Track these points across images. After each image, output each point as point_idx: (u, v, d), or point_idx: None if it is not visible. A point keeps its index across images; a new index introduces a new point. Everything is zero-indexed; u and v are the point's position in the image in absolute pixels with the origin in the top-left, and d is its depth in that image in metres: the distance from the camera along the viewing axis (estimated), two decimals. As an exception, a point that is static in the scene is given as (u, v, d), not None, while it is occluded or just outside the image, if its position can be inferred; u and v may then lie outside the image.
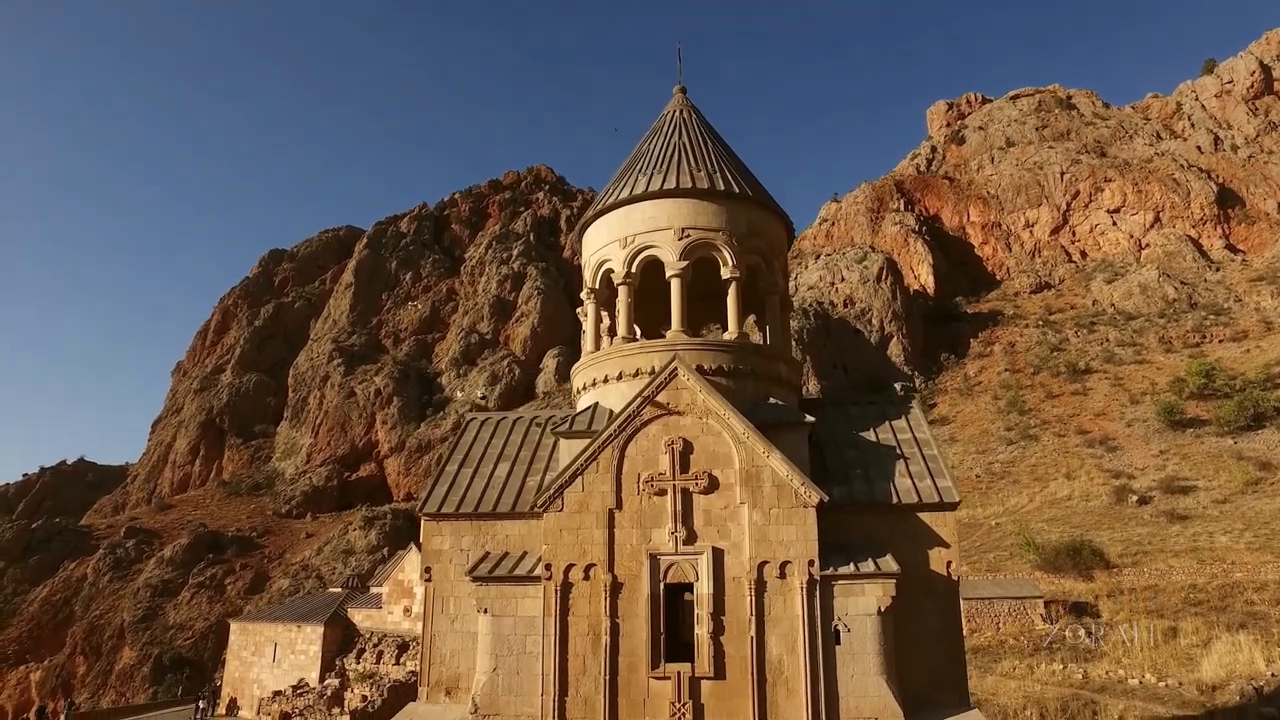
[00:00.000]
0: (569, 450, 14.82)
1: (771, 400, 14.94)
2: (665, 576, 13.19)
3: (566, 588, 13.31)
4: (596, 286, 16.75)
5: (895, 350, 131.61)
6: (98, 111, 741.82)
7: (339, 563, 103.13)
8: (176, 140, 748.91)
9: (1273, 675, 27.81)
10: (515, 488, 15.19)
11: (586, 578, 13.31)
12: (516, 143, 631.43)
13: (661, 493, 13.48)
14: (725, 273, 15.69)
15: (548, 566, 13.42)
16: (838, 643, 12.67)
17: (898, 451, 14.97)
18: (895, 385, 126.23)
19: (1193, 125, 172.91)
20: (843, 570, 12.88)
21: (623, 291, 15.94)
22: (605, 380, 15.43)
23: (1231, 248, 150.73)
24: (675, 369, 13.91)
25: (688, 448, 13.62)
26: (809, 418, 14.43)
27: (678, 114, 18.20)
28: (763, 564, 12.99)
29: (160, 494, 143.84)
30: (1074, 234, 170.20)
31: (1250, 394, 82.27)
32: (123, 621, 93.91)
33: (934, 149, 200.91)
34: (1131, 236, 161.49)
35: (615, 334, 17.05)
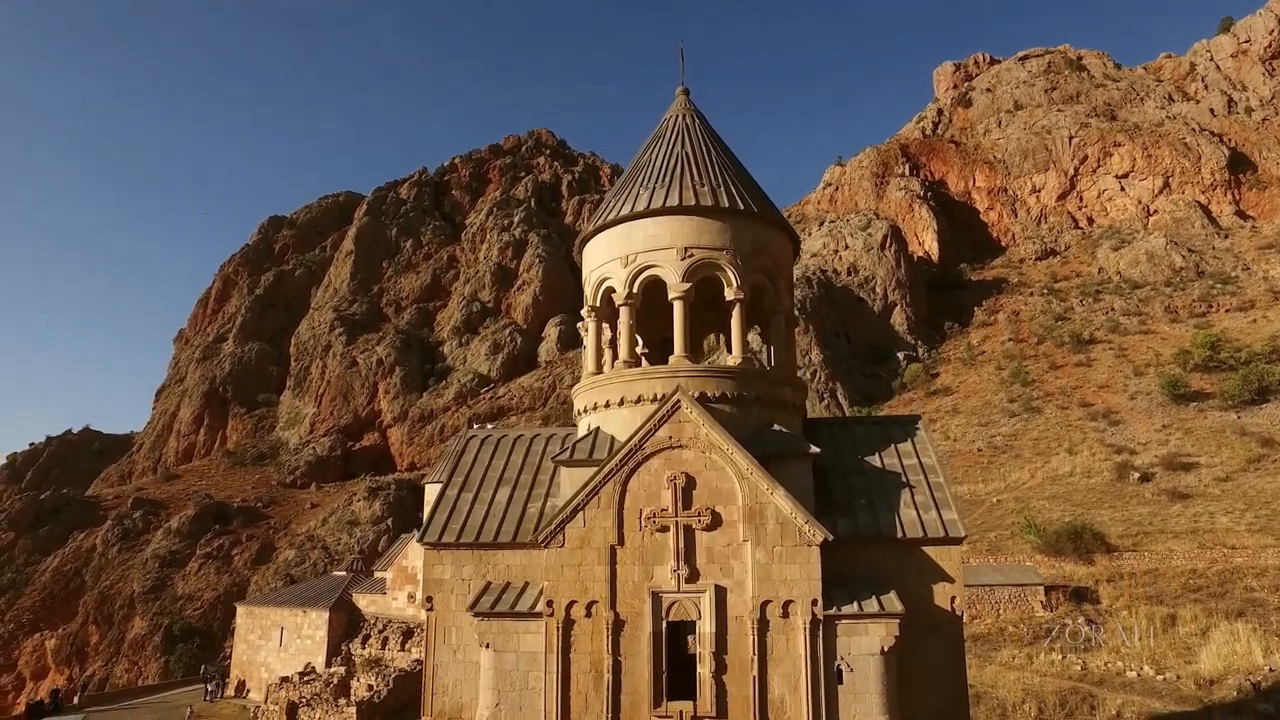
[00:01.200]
0: (570, 478, 14.63)
1: (776, 427, 14.69)
2: (668, 614, 13.08)
3: (568, 624, 13.22)
4: (598, 304, 16.40)
5: (899, 319, 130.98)
6: (97, 79, 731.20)
7: (344, 533, 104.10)
8: (177, 107, 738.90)
9: (1270, 670, 27.97)
10: (516, 516, 15.03)
11: (588, 615, 13.21)
12: (517, 107, 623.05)
13: (664, 529, 13.31)
14: (730, 294, 15.33)
15: (549, 603, 13.31)
16: (840, 682, 12.60)
17: (903, 479, 14.74)
18: (899, 354, 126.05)
19: (1206, 87, 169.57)
20: (846, 609, 12.75)
21: (624, 313, 15.61)
22: (607, 405, 15.17)
23: (1241, 214, 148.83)
24: (678, 401, 13.65)
25: (690, 483, 13.41)
26: (813, 448, 14.19)
27: (680, 119, 17.64)
28: (765, 603, 12.86)
29: (165, 463, 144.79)
30: (1081, 199, 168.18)
31: (1255, 367, 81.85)
32: (132, 592, 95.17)
33: (940, 112, 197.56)
34: (1140, 202, 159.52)
35: (617, 354, 16.73)
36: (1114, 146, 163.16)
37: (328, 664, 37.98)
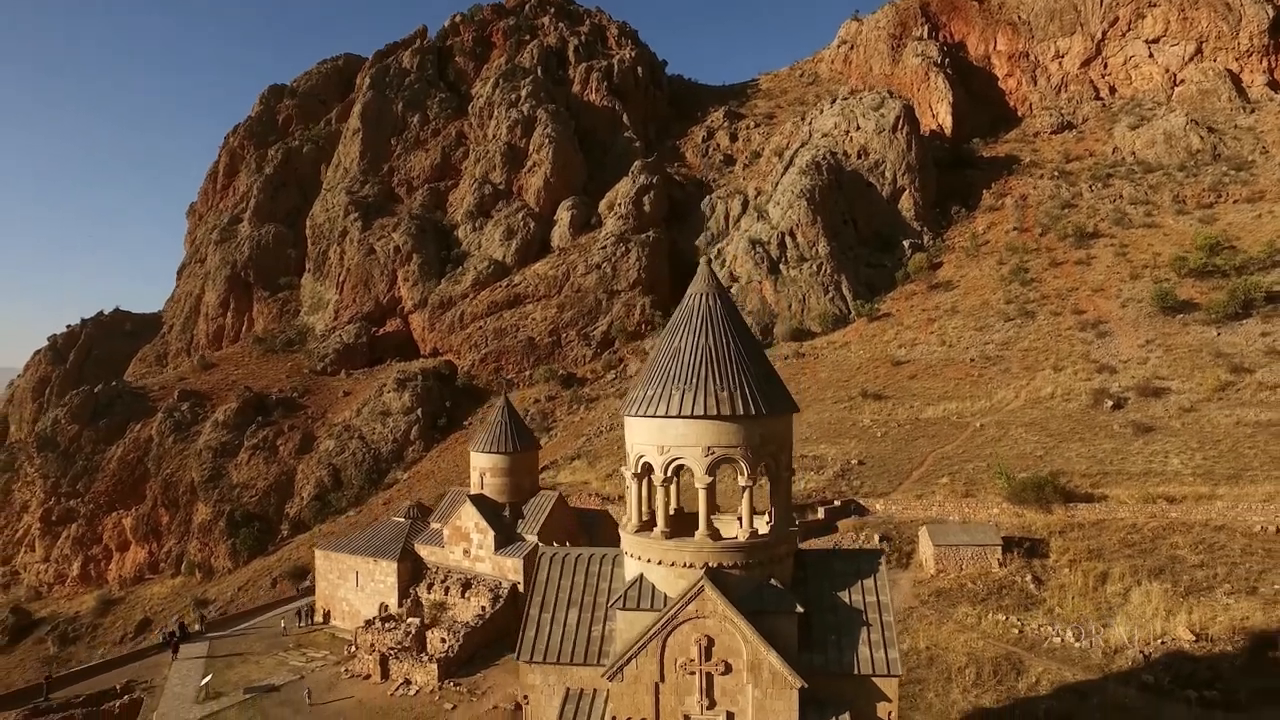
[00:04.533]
0: (624, 618, 20.29)
1: (773, 582, 20.12)
2: (694, 730, 19.17)
3: (626, 733, 19.36)
4: (638, 471, 21.38)
5: (906, 204, 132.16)
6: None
7: (377, 423, 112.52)
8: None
9: (1161, 641, 34.86)
10: (584, 639, 20.84)
11: (640, 727, 19.31)
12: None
13: (692, 673, 19.13)
14: (742, 481, 20.27)
15: (614, 718, 19.40)
16: (810, 776, 18.84)
17: (864, 618, 20.37)
18: (904, 242, 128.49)
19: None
20: (816, 731, 18.80)
21: (661, 492, 20.65)
22: (649, 561, 20.54)
23: (1274, 84, 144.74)
24: (702, 586, 19.05)
25: (710, 642, 19.07)
26: (798, 608, 19.70)
27: (704, 301, 21.74)
28: (761, 725, 18.89)
29: (197, 344, 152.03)
30: (1105, 66, 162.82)
31: (1245, 280, 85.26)
32: (192, 480, 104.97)
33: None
34: (1167, 71, 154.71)
35: (653, 506, 21.80)
36: (1148, 8, 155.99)
37: (399, 604, 45.72)
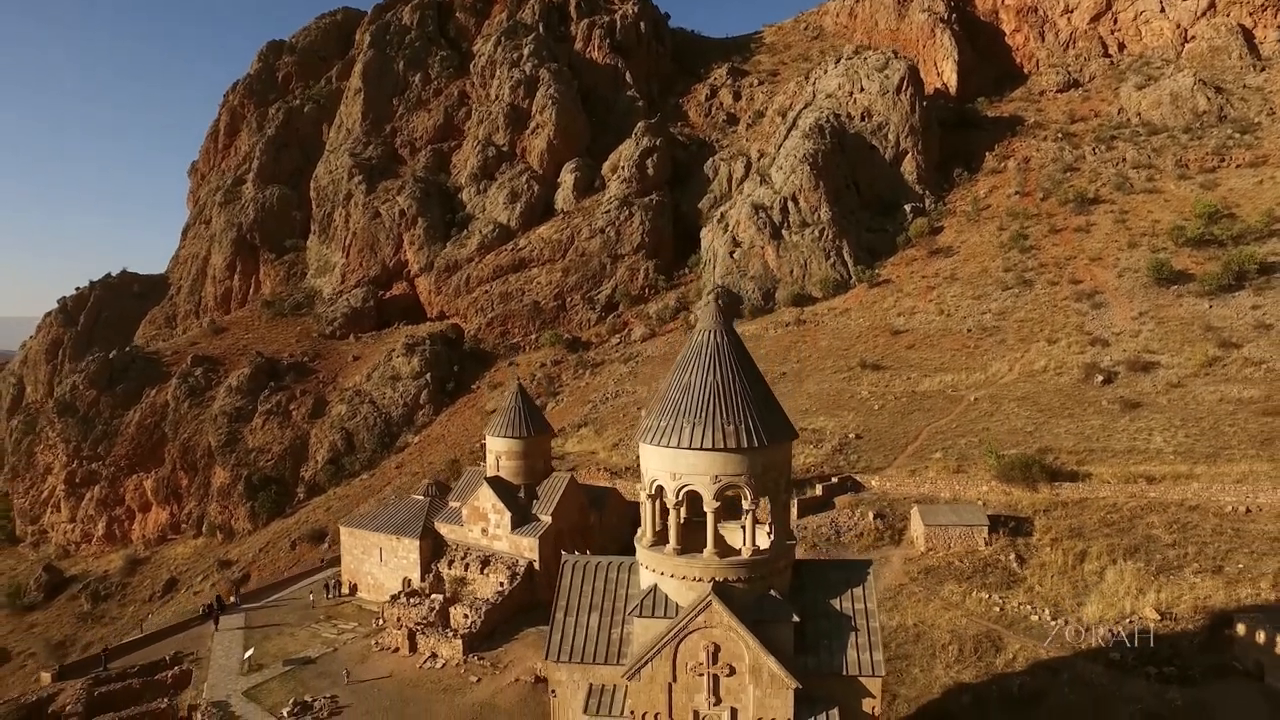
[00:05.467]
0: (641, 624, 22.93)
1: (772, 593, 22.73)
2: (702, 723, 21.99)
3: (643, 725, 22.18)
4: (653, 492, 23.82)
5: (908, 167, 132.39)
6: None
7: (387, 388, 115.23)
8: None
9: (1129, 620, 37.78)
10: (604, 641, 23.54)
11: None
12: None
13: (700, 675, 21.84)
14: (745, 505, 22.72)
15: (632, 712, 22.19)
16: (803, 762, 21.71)
17: (853, 624, 23.02)
18: (906, 206, 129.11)
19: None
20: (808, 725, 21.60)
21: (673, 514, 23.08)
22: (663, 573, 23.12)
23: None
24: (710, 601, 21.63)
25: (717, 649, 21.73)
26: (794, 617, 22.31)
27: (713, 338, 23.88)
28: (760, 718, 21.68)
29: (205, 306, 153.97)
30: (1115, 21, 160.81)
31: (1240, 251, 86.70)
32: (209, 444, 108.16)
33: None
34: (1178, 27, 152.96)
35: (667, 520, 24.26)
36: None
37: (422, 578, 48.79)
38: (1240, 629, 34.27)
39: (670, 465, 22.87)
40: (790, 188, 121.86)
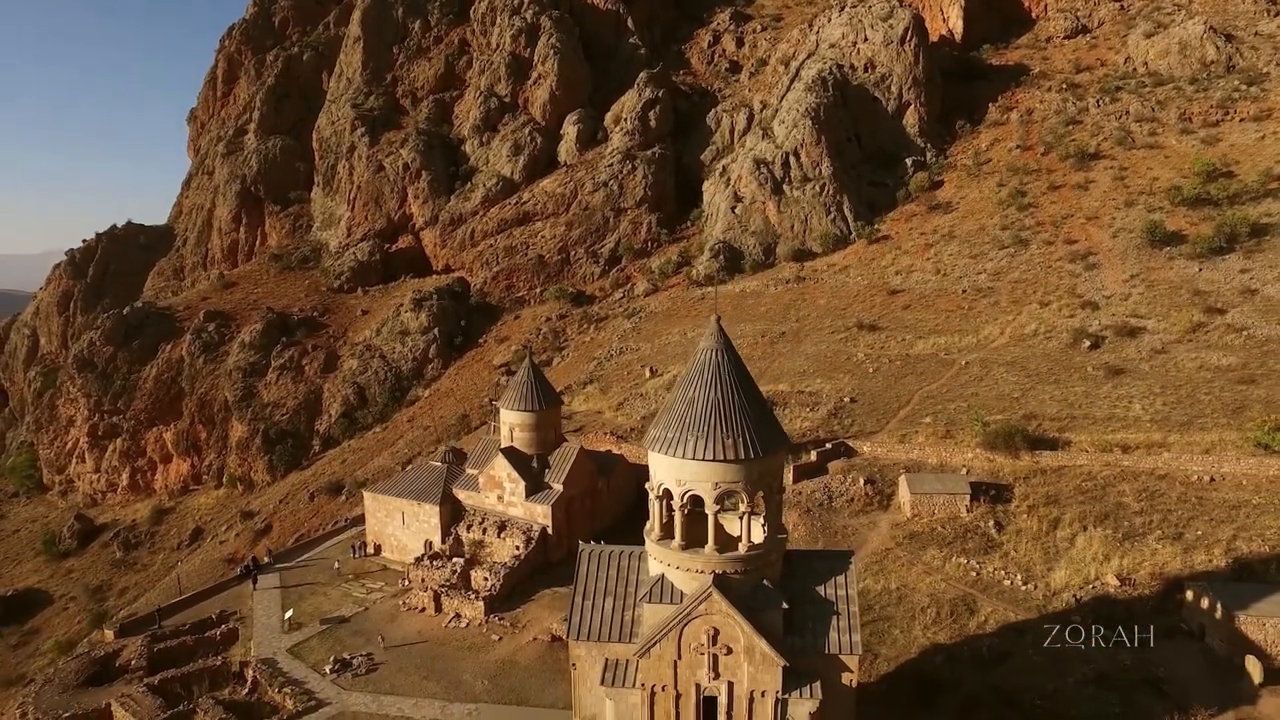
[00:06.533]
0: (650, 610, 26.29)
1: (765, 583, 26.02)
2: (703, 694, 25.55)
3: (652, 694, 25.74)
4: (660, 494, 26.90)
5: (911, 119, 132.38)
6: None
7: (397, 343, 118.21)
8: None
9: (1093, 585, 41.41)
10: (618, 622, 26.95)
11: (662, 690, 25.67)
12: None
13: (702, 654, 25.29)
14: (742, 508, 25.83)
15: (643, 684, 25.74)
16: (789, 727, 25.38)
17: (835, 609, 26.39)
18: (907, 160, 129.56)
19: None
20: (792, 695, 25.15)
21: (679, 515, 26.20)
22: (669, 565, 26.39)
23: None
24: (710, 592, 24.92)
25: (716, 632, 25.11)
26: (784, 604, 25.64)
27: (714, 357, 26.59)
28: (753, 691, 25.22)
29: (213, 259, 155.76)
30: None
31: (1234, 212, 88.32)
32: (225, 399, 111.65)
33: None
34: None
35: (672, 515, 27.37)
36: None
37: (442, 541, 52.53)
38: (1189, 595, 37.84)
39: (676, 473, 25.87)
40: (792, 142, 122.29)
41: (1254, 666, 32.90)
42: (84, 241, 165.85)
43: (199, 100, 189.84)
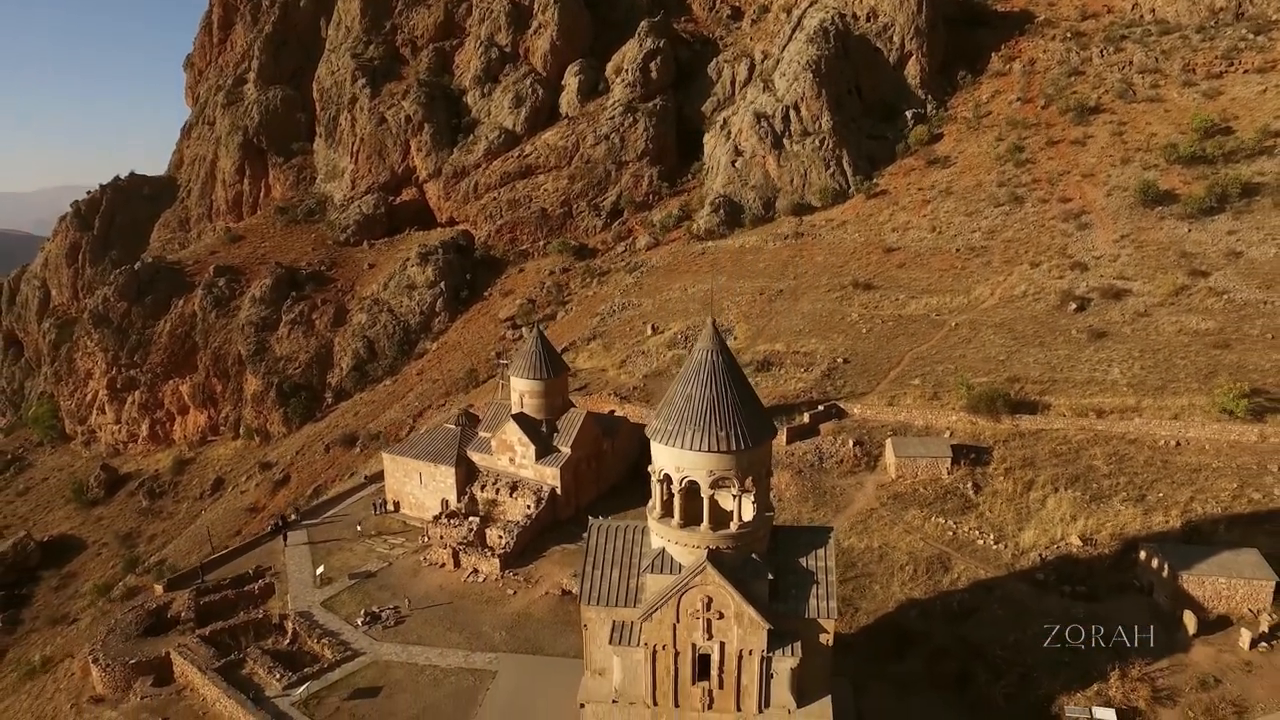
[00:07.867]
0: (652, 579, 29.93)
1: (754, 557, 29.58)
2: (698, 652, 29.39)
3: (654, 652, 29.59)
4: (661, 478, 30.25)
5: (912, 70, 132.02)
6: None
7: (404, 297, 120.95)
8: None
9: (1059, 545, 45.19)
10: (624, 590, 30.61)
11: (663, 649, 29.51)
12: None
13: (697, 619, 29.01)
14: (734, 491, 29.20)
15: (646, 643, 29.57)
16: (771, 678, 29.27)
17: (815, 578, 30.01)
18: (907, 113, 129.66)
19: None
20: (776, 654, 28.98)
21: (677, 497, 29.58)
22: (669, 541, 29.93)
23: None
24: (704, 566, 28.49)
25: (710, 600, 28.78)
26: (770, 576, 29.24)
27: (710, 358, 29.61)
28: (742, 650, 29.03)
29: (218, 210, 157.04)
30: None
31: (1228, 171, 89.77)
32: (239, 353, 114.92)
33: None
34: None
35: (672, 494, 30.75)
36: None
37: (458, 499, 56.37)
38: (1142, 555, 41.61)
39: (675, 461, 29.15)
40: (793, 96, 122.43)
41: (1190, 620, 36.79)
42: (88, 193, 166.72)
43: (195, 46, 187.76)
